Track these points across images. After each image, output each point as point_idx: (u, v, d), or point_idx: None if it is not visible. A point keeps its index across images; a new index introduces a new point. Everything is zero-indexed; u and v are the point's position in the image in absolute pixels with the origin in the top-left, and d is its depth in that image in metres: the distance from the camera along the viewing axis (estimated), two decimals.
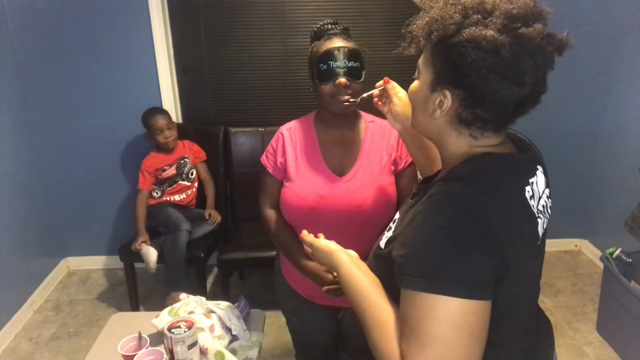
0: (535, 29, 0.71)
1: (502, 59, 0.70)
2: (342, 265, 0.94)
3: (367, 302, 0.83)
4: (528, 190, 0.79)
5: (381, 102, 1.21)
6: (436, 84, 0.79)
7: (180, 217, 2.44)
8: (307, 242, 1.10)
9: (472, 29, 0.72)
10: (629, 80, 2.74)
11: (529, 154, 0.85)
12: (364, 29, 2.71)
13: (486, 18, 0.72)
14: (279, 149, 1.37)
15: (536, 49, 0.72)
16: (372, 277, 0.88)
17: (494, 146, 0.81)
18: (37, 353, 2.34)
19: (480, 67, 0.71)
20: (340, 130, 1.36)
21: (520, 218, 0.76)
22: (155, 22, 2.59)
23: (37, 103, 2.68)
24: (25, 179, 2.65)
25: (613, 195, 2.90)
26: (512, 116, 0.78)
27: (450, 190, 0.75)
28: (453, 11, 0.75)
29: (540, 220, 0.81)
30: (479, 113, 0.76)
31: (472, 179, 0.75)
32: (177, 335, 1.26)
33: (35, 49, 2.60)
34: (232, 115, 2.85)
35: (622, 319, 2.22)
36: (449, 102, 0.77)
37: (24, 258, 2.64)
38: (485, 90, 0.73)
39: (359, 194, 1.30)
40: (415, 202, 0.84)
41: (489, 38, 0.70)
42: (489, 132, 0.79)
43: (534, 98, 0.76)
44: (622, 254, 2.27)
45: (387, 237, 0.87)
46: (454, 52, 0.73)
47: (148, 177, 2.47)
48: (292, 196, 1.32)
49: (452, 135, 0.81)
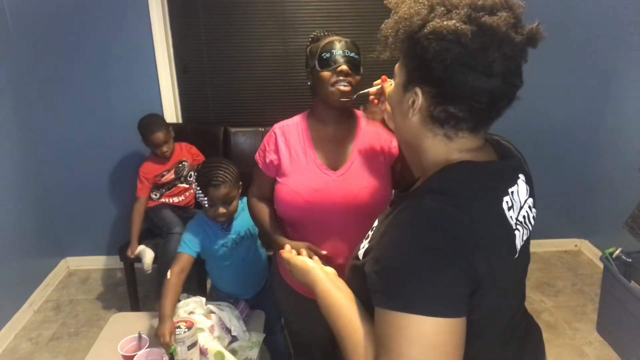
0: (499, 17, 0.70)
1: (465, 48, 0.69)
2: (319, 283, 0.93)
3: (342, 321, 0.81)
4: (507, 201, 0.76)
5: (378, 100, 1.21)
6: (408, 83, 0.78)
7: (175, 220, 2.42)
8: (285, 258, 1.08)
9: (436, 21, 0.71)
10: (629, 80, 2.74)
11: (510, 162, 0.82)
12: (364, 29, 2.71)
13: (451, 11, 0.72)
14: (271, 147, 1.40)
15: (504, 38, 0.70)
16: (349, 294, 0.86)
17: (471, 151, 0.78)
18: (37, 353, 2.35)
19: (445, 58, 0.70)
20: (334, 125, 1.38)
21: (495, 231, 0.74)
22: (155, 23, 2.59)
23: (37, 103, 2.68)
24: (25, 179, 2.65)
25: (613, 195, 2.90)
26: (487, 113, 0.75)
27: (421, 205, 0.72)
28: (420, 7, 0.75)
29: (518, 232, 0.78)
30: (451, 110, 0.74)
31: (444, 192, 0.72)
32: (177, 335, 1.26)
33: (35, 50, 2.60)
34: (232, 115, 2.85)
35: (622, 319, 2.22)
36: (419, 100, 0.76)
37: (24, 258, 2.64)
38: (453, 83, 0.71)
39: (353, 186, 1.31)
40: (390, 212, 0.81)
41: (451, 27, 0.69)
42: (465, 131, 0.76)
43: (507, 92, 0.74)
44: (622, 254, 2.27)
45: (364, 247, 0.84)
46: (420, 46, 0.72)
47: (146, 184, 2.44)
48: (286, 191, 1.33)
49: (427, 137, 0.79)
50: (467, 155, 0.78)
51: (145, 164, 2.46)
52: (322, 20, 2.68)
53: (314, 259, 1.05)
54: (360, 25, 2.71)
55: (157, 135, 2.37)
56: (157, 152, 2.42)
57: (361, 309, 0.82)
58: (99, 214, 2.95)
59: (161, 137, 2.38)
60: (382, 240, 0.75)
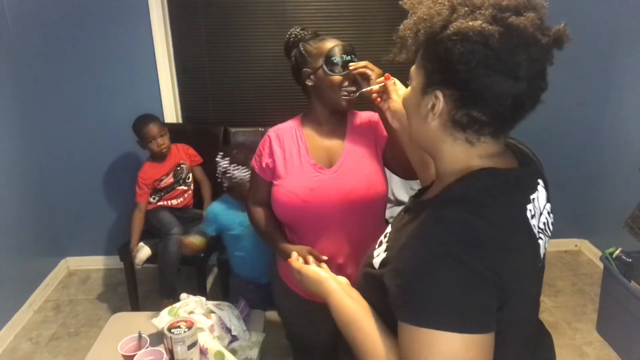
0: (527, 18, 0.67)
1: (492, 50, 0.66)
2: (332, 294, 0.90)
3: (361, 335, 0.79)
4: (530, 209, 0.73)
5: (381, 98, 1.21)
6: (427, 86, 0.75)
7: (173, 221, 2.41)
8: (296, 268, 1.06)
9: (460, 22, 0.68)
10: (629, 80, 2.74)
11: (530, 168, 0.79)
12: (364, 29, 2.71)
13: (475, 11, 0.69)
14: (266, 150, 1.41)
15: (530, 39, 0.67)
16: (364, 306, 0.84)
17: (493, 156, 0.75)
18: (37, 353, 2.34)
19: (470, 60, 0.67)
20: (328, 126, 1.40)
21: (521, 242, 0.71)
22: (155, 22, 2.59)
23: (37, 103, 2.68)
24: (25, 179, 2.65)
25: (613, 195, 2.90)
26: (510, 117, 0.72)
27: (447, 215, 0.69)
28: (441, 8, 0.72)
29: (541, 241, 0.76)
30: (474, 114, 0.71)
31: (469, 201, 0.70)
32: (177, 335, 1.26)
33: (35, 50, 2.60)
34: (232, 115, 2.85)
35: (622, 319, 2.22)
36: (440, 104, 0.73)
37: (24, 258, 2.64)
38: (478, 86, 0.68)
39: (348, 181, 1.33)
40: (409, 220, 0.79)
41: (477, 29, 0.66)
42: (486, 136, 0.74)
43: (532, 95, 0.71)
44: (622, 254, 2.27)
45: (379, 256, 0.81)
46: (442, 48, 0.70)
47: (145, 190, 2.42)
48: (283, 192, 1.34)
49: (446, 141, 0.76)
50: (488, 161, 0.75)
51: (143, 168, 2.43)
52: (322, 20, 2.68)
53: (322, 267, 1.03)
54: (360, 25, 2.71)
55: (151, 128, 2.36)
56: (154, 148, 2.38)
57: (379, 321, 0.80)
58: (99, 214, 2.94)
59: (155, 130, 2.37)
60: (404, 252, 0.72)
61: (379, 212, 1.44)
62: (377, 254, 0.83)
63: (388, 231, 0.88)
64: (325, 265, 1.04)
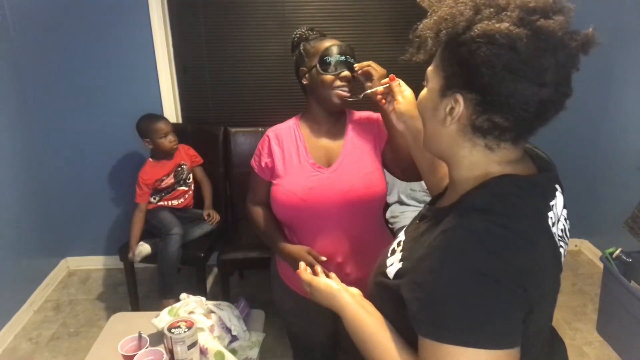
0: (556, 22, 0.64)
1: (519, 54, 0.63)
2: (347, 308, 0.86)
3: (380, 351, 0.77)
4: (551, 217, 0.71)
5: (385, 100, 1.20)
6: (446, 88, 0.71)
7: (173, 221, 2.41)
8: (306, 281, 1.01)
9: (485, 23, 0.65)
10: (629, 80, 2.74)
11: (549, 174, 0.76)
12: (363, 29, 2.71)
13: (500, 12, 0.66)
14: (265, 150, 1.42)
15: (558, 44, 0.64)
16: (380, 320, 0.81)
17: (512, 163, 0.72)
18: (37, 353, 2.34)
19: (495, 64, 0.64)
20: (326, 125, 1.41)
21: (545, 252, 0.69)
22: (155, 22, 2.59)
23: (37, 103, 2.68)
24: (25, 179, 2.65)
25: (613, 195, 2.90)
26: (533, 123, 0.69)
27: (469, 226, 0.66)
28: (463, 8, 0.68)
29: (562, 249, 0.73)
30: (495, 119, 0.68)
31: (492, 211, 0.67)
32: (177, 335, 1.26)
33: (35, 50, 2.60)
34: (232, 115, 2.85)
35: (622, 319, 2.22)
36: (460, 108, 0.69)
37: (24, 258, 2.64)
38: (502, 91, 0.65)
39: (347, 180, 1.33)
40: (426, 229, 0.76)
41: (504, 31, 0.63)
42: (507, 142, 0.71)
43: (557, 101, 0.68)
44: (622, 254, 2.27)
45: (394, 266, 0.79)
46: (465, 49, 0.66)
47: (146, 190, 2.40)
48: (282, 192, 1.35)
49: (464, 147, 0.73)
50: (507, 167, 0.72)
51: (144, 168, 2.41)
52: (322, 20, 2.68)
53: (331, 276, 1.00)
54: (360, 25, 2.71)
55: (164, 123, 2.38)
56: (165, 144, 2.37)
57: (396, 335, 0.78)
58: (99, 214, 2.95)
59: (163, 127, 2.37)
60: (424, 264, 0.69)
61: (378, 212, 1.44)
62: (390, 263, 0.81)
63: (402, 239, 0.85)
64: (335, 275, 1.01)
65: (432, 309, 0.66)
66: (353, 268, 1.36)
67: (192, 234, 2.46)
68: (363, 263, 1.36)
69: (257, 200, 1.48)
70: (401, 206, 2.47)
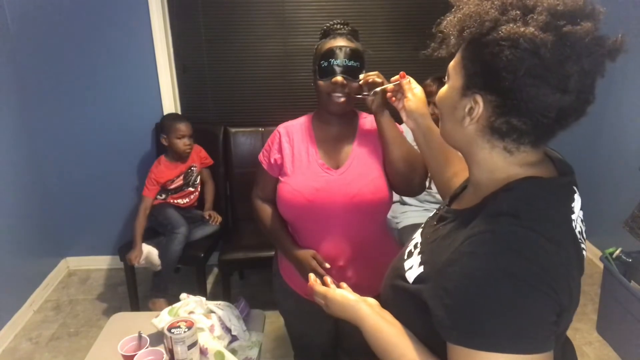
0: (583, 28, 0.63)
1: (542, 60, 0.62)
2: (367, 319, 0.83)
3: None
4: (574, 219, 0.70)
5: (395, 97, 1.19)
6: (467, 88, 0.71)
7: (180, 220, 2.41)
8: (321, 293, 0.95)
9: (510, 26, 0.63)
10: (629, 80, 2.74)
11: (569, 176, 0.75)
12: (364, 29, 2.68)
13: (527, 15, 0.64)
14: (275, 146, 1.40)
15: (584, 51, 0.63)
16: (400, 329, 0.80)
17: (533, 165, 0.72)
18: (37, 353, 2.34)
19: (517, 68, 0.63)
20: (337, 127, 1.38)
21: (572, 254, 0.68)
22: (155, 22, 2.59)
23: (37, 103, 2.68)
24: (25, 179, 2.65)
25: (613, 195, 2.90)
26: (552, 128, 0.69)
27: (499, 230, 0.65)
28: (490, 7, 0.67)
29: (584, 251, 0.73)
30: (514, 123, 0.67)
31: (520, 215, 0.65)
32: (177, 335, 1.26)
33: (35, 50, 2.60)
34: (232, 115, 2.85)
35: (622, 319, 2.22)
36: (480, 109, 0.69)
37: (24, 258, 2.64)
38: (522, 95, 0.64)
39: (354, 184, 1.31)
40: (448, 232, 0.75)
41: (528, 35, 0.62)
42: (526, 146, 0.70)
43: (578, 108, 0.67)
44: (622, 254, 2.27)
45: (414, 270, 0.78)
46: (488, 51, 0.65)
47: (155, 186, 2.42)
48: (288, 190, 1.33)
49: (483, 148, 0.72)
50: (529, 170, 0.71)
51: (158, 167, 2.43)
52: (322, 20, 2.66)
53: (343, 286, 0.96)
54: (360, 25, 2.67)
55: (180, 126, 2.40)
56: (179, 145, 2.40)
57: (418, 344, 0.76)
58: (98, 214, 2.95)
59: (183, 129, 2.40)
60: (452, 269, 0.67)
61: (382, 218, 1.43)
62: (408, 267, 0.79)
63: (418, 241, 0.83)
64: (346, 285, 0.97)
65: (464, 316, 0.64)
66: (354, 272, 1.36)
67: (194, 235, 2.46)
68: (364, 267, 1.36)
69: (263, 196, 1.46)
70: (402, 206, 2.46)
